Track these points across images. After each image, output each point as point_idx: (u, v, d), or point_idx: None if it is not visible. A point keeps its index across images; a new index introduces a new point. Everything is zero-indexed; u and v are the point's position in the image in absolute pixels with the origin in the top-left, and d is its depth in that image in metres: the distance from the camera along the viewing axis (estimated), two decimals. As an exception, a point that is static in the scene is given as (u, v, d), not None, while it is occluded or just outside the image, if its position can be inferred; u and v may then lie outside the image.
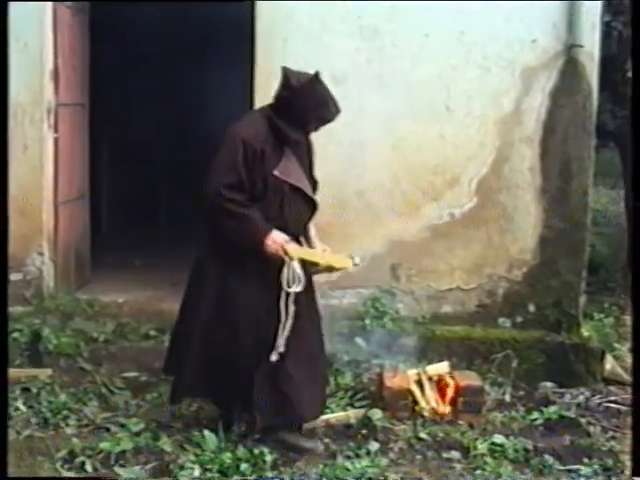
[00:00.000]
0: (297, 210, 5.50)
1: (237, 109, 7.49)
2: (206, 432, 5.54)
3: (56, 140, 7.68)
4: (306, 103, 5.32)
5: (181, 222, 10.26)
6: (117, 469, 5.18)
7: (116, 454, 5.31)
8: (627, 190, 11.58)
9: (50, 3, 7.45)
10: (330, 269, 5.64)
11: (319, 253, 5.60)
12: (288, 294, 5.31)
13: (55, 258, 7.70)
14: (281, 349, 5.33)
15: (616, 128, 10.50)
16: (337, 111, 5.40)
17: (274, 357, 5.33)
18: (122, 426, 5.77)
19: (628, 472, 5.31)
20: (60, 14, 7.61)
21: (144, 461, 5.29)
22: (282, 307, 5.31)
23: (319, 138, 6.49)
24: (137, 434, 5.62)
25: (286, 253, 5.29)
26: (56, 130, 7.66)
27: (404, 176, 7.02)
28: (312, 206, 5.60)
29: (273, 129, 5.39)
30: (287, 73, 5.39)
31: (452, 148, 7.16)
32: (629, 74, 9.11)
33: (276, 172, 5.37)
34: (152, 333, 7.17)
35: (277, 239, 5.32)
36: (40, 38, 7.38)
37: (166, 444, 5.48)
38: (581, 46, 7.00)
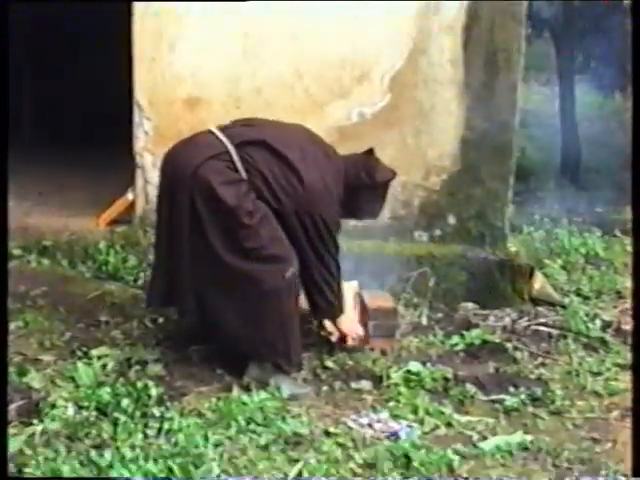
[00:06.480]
0: None
1: None
2: (80, 365, 5.17)
3: None
4: None
5: (46, 129, 10.64)
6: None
7: (-26, 395, 4.94)
8: (562, 87, 11.51)
9: None
10: None
11: None
12: None
13: None
14: None
15: (552, 16, 10.24)
16: None
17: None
18: (-19, 361, 5.39)
19: (559, 402, 5.21)
20: None
21: (8, 400, 4.79)
22: None
23: (209, 31, 6.32)
24: (-1, 369, 5.25)
25: None
26: None
27: (306, 70, 6.75)
28: None
29: None
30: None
31: (361, 38, 6.81)
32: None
33: None
34: (16, 252, 6.86)
35: None
36: None
37: (34, 380, 5.11)
38: None
